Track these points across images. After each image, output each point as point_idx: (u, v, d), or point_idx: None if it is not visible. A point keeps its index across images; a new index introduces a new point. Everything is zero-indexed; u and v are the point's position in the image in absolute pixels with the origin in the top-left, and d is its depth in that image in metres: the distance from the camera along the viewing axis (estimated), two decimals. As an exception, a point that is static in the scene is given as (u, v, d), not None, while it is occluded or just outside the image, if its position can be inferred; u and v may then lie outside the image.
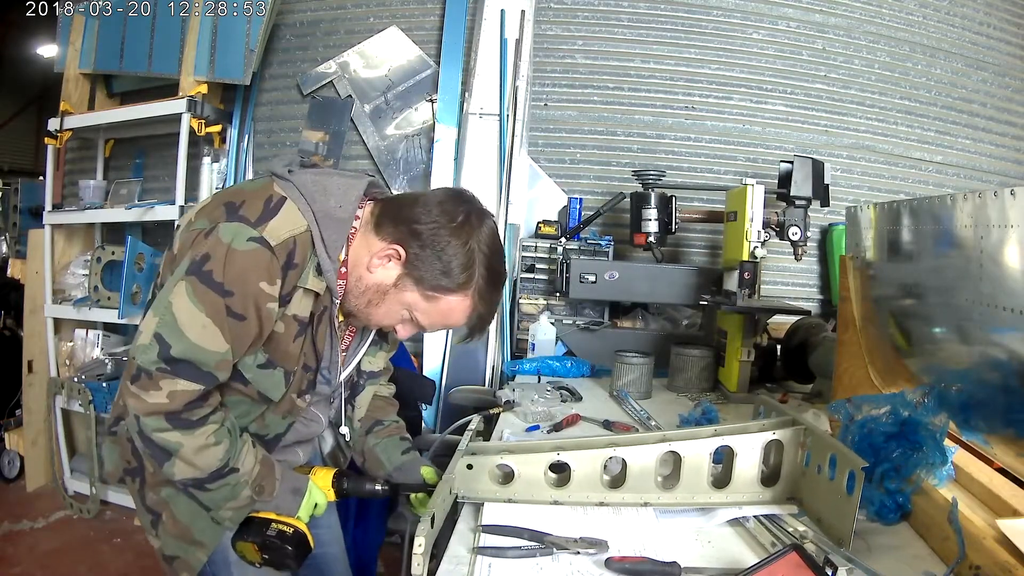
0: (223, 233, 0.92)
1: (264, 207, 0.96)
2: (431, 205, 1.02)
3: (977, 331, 1.09)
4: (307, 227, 0.98)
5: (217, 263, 0.91)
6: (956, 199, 1.12)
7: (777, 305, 2.21)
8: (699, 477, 1.12)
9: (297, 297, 0.99)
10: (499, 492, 1.12)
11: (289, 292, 0.98)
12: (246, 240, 0.92)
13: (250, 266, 0.92)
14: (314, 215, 0.98)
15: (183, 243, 0.99)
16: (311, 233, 0.98)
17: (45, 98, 6.65)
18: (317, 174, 1.04)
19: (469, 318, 1.07)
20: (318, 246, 0.99)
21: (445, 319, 1.07)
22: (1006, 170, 2.92)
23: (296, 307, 1.00)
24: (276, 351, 1.02)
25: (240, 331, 0.94)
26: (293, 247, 0.96)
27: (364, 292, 1.05)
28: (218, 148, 2.92)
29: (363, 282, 1.04)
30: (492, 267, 1.04)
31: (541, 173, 2.82)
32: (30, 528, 2.69)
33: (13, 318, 3.49)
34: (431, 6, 2.88)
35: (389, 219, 1.03)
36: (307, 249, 0.98)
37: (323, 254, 0.99)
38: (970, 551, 0.92)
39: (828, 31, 2.80)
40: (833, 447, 1.04)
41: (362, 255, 1.03)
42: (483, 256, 1.02)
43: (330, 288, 1.03)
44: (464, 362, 2.51)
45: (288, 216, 0.96)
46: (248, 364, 1.01)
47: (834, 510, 1.01)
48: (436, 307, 1.04)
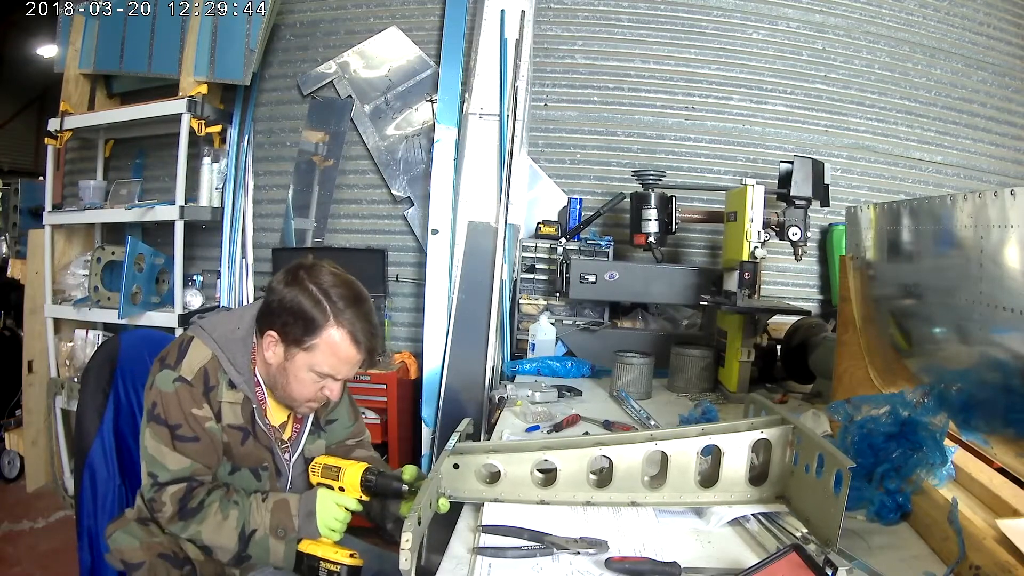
0: (158, 382, 1.15)
1: (178, 351, 1.17)
2: (271, 288, 1.18)
3: (977, 331, 1.09)
4: (212, 354, 1.17)
5: (160, 407, 1.13)
6: (956, 199, 1.12)
7: (777, 305, 2.21)
8: (686, 476, 1.12)
9: (225, 410, 1.18)
10: (486, 492, 1.13)
11: (218, 409, 1.17)
12: (172, 382, 1.14)
13: (181, 400, 1.13)
14: (216, 343, 1.18)
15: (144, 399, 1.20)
16: (217, 358, 1.17)
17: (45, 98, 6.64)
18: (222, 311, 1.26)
19: (355, 341, 1.15)
20: (225, 366, 1.17)
21: (338, 355, 1.15)
22: (1006, 170, 2.92)
23: (229, 418, 1.18)
24: (235, 456, 1.20)
25: (200, 448, 1.14)
26: (205, 374, 1.16)
27: (276, 381, 1.19)
28: (218, 148, 2.91)
29: (271, 374, 1.19)
30: (340, 293, 1.15)
31: (541, 173, 2.82)
32: (30, 528, 2.69)
33: (13, 318, 3.48)
34: (431, 6, 2.89)
35: (259, 317, 1.20)
36: (216, 371, 1.17)
37: (231, 370, 1.18)
38: (970, 551, 0.92)
39: (828, 31, 2.80)
40: (820, 447, 1.03)
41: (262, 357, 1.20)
42: (325, 288, 1.14)
43: (247, 395, 1.19)
44: (464, 363, 2.51)
45: (195, 351, 1.17)
46: (223, 475, 1.20)
47: (821, 510, 1.00)
48: (324, 352, 1.14)
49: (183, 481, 1.13)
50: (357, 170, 2.95)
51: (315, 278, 1.14)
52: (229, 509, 1.13)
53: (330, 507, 1.15)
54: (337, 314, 1.13)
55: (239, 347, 1.19)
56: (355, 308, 1.14)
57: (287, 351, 1.15)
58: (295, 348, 1.14)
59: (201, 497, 1.13)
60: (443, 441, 2.47)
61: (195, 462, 1.14)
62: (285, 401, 1.22)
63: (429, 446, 2.55)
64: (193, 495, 1.13)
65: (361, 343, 1.15)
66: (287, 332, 1.14)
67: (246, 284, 2.91)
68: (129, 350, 1.41)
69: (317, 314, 1.12)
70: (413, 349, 2.81)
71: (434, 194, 2.68)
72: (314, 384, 1.17)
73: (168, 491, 1.12)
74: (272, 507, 1.14)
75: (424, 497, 1.01)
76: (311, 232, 2.91)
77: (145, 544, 1.16)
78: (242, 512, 1.13)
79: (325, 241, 2.91)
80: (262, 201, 3.00)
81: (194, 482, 1.14)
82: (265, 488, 1.23)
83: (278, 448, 1.25)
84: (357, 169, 2.95)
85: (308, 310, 1.12)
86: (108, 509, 1.31)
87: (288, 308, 1.13)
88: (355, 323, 1.14)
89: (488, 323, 2.50)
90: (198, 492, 1.13)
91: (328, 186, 2.91)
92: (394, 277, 2.88)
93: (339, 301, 1.13)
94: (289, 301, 1.13)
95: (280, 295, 1.14)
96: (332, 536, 1.15)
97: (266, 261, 2.92)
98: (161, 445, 1.12)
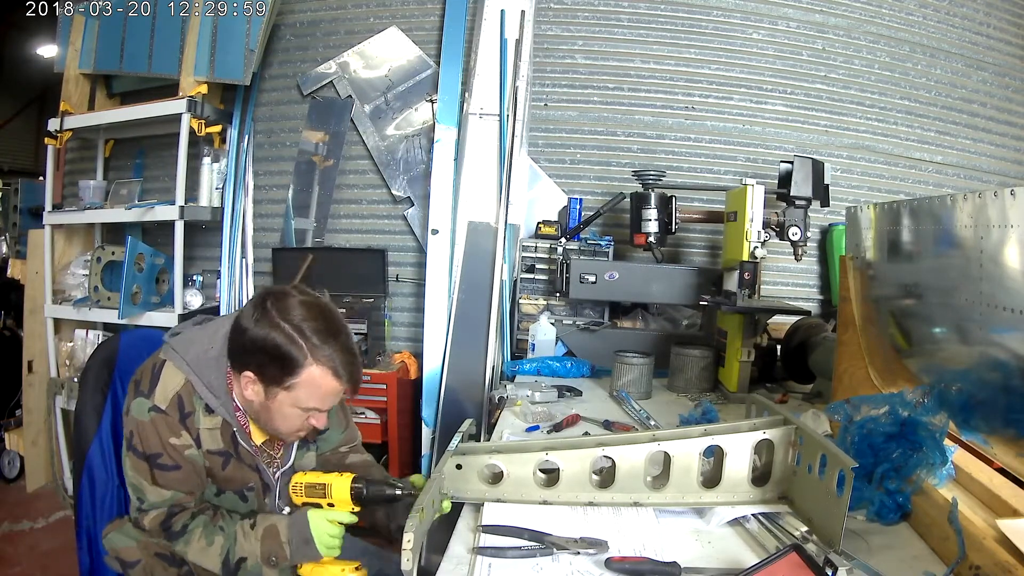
0: (133, 410, 1.11)
1: (151, 375, 1.13)
2: (238, 325, 1.10)
3: (977, 331, 1.09)
4: (185, 379, 1.12)
5: (137, 437, 1.11)
6: (956, 199, 1.12)
7: (777, 305, 2.21)
8: (689, 477, 1.12)
9: (204, 436, 1.14)
10: (488, 492, 1.12)
11: (196, 435, 1.14)
12: (147, 411, 1.10)
13: (157, 430, 1.10)
14: (189, 366, 1.13)
15: None
16: (190, 383, 1.12)
17: (45, 98, 6.64)
18: (193, 325, 1.20)
19: (337, 375, 1.09)
20: (200, 391, 1.13)
21: (321, 392, 1.10)
22: (1006, 170, 2.92)
23: (208, 444, 1.15)
24: (219, 480, 1.18)
25: (181, 475, 1.12)
26: (180, 401, 1.12)
27: (259, 416, 1.15)
28: (218, 148, 2.91)
29: (254, 409, 1.15)
30: (314, 327, 1.07)
31: (541, 173, 2.82)
32: (30, 528, 2.69)
33: (13, 318, 3.48)
34: (431, 6, 2.89)
35: (230, 353, 1.13)
36: (191, 397, 1.13)
37: (207, 395, 1.13)
38: (970, 551, 0.92)
39: (828, 31, 2.80)
40: (823, 447, 1.03)
41: (239, 391, 1.15)
42: (297, 324, 1.06)
43: (226, 419, 1.15)
44: (464, 363, 2.51)
45: (168, 376, 1.12)
46: (209, 496, 1.19)
47: (824, 510, 1.00)
48: (306, 390, 1.09)
49: (163, 507, 1.13)
50: (357, 170, 2.95)
51: (285, 314, 1.06)
52: (214, 535, 1.11)
53: (324, 527, 1.10)
54: (314, 351, 1.06)
55: (213, 368, 1.13)
56: (333, 342, 1.08)
57: (267, 390, 1.10)
58: (275, 388, 1.09)
59: (184, 522, 1.12)
60: (443, 441, 2.47)
61: (176, 491, 1.13)
62: (272, 434, 1.19)
63: (429, 446, 2.55)
64: (175, 521, 1.12)
65: (343, 376, 1.09)
66: (264, 372, 1.08)
67: (246, 284, 2.91)
68: (128, 350, 1.40)
69: (294, 353, 1.05)
70: (413, 349, 2.81)
71: (434, 194, 2.68)
72: (300, 417, 1.13)
73: (149, 515, 1.13)
74: (262, 535, 1.11)
75: (426, 497, 1.01)
76: (311, 232, 2.91)
77: (141, 544, 1.16)
78: (227, 539, 1.11)
79: (325, 241, 2.91)
80: (262, 201, 3.00)
81: (175, 508, 1.13)
82: (253, 507, 1.21)
83: (264, 465, 1.22)
84: (357, 169, 2.95)
85: (284, 349, 1.05)
86: (107, 510, 1.31)
87: (262, 348, 1.06)
88: (334, 358, 1.08)
89: (488, 323, 2.49)
90: (180, 517, 1.13)
91: (328, 186, 2.91)
92: (394, 277, 2.88)
93: (314, 336, 1.06)
94: (262, 340, 1.06)
95: (252, 335, 1.07)
96: (332, 553, 1.11)
97: (266, 261, 2.92)
98: (141, 478, 1.11)
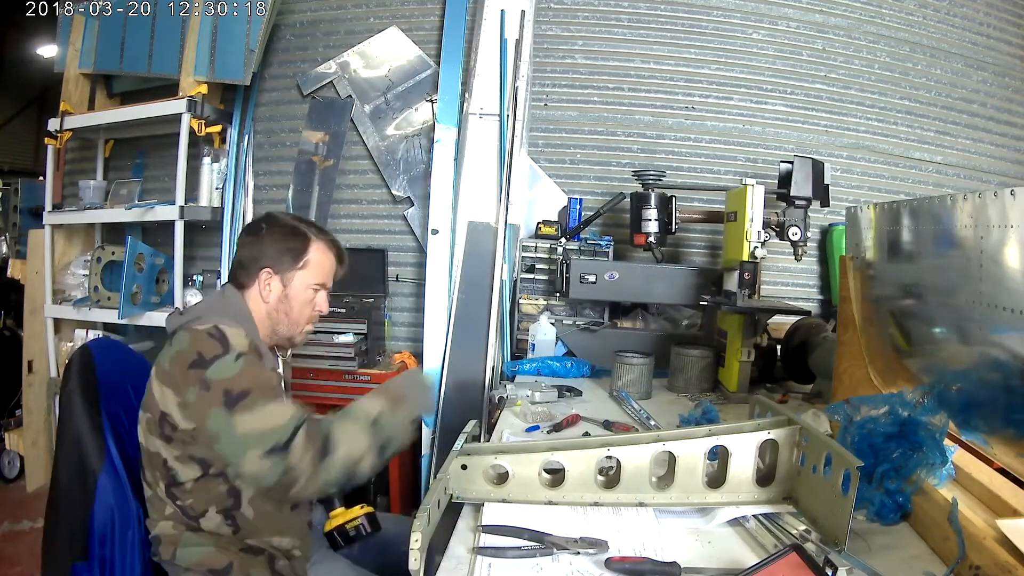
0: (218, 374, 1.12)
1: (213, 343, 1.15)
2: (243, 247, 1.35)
3: (977, 331, 1.09)
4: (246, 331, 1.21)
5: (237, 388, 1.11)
6: (956, 199, 1.12)
7: (777, 305, 2.21)
8: (694, 477, 1.12)
9: None
10: (494, 492, 1.12)
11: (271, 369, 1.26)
12: (234, 361, 1.14)
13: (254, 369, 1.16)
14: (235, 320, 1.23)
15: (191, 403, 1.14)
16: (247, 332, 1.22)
17: (45, 98, 6.63)
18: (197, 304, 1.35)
19: (334, 246, 1.39)
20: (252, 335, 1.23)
21: (326, 263, 1.37)
22: (1006, 170, 2.92)
23: None
24: None
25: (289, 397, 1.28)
26: (255, 346, 1.21)
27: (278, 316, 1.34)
28: (218, 148, 2.91)
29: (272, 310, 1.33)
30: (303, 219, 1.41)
31: (541, 173, 2.82)
32: (30, 528, 2.69)
33: (13, 318, 3.48)
34: (431, 6, 2.88)
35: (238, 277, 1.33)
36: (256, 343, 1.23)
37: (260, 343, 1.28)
38: (970, 551, 0.92)
39: (828, 31, 2.80)
40: (828, 446, 1.03)
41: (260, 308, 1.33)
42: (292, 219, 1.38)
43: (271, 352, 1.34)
44: (464, 363, 2.51)
45: (231, 332, 1.18)
46: None
47: (829, 510, 1.01)
48: (316, 263, 1.35)
49: (302, 424, 1.12)
50: (357, 170, 2.95)
51: (278, 219, 1.37)
52: (344, 419, 1.19)
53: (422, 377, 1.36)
54: (315, 233, 1.36)
55: (250, 322, 1.30)
56: (317, 226, 1.39)
57: (284, 278, 1.32)
58: (291, 272, 1.32)
59: (321, 427, 1.15)
60: (443, 441, 2.47)
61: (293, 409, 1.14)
62: (288, 333, 1.36)
63: (429, 446, 2.55)
64: (317, 430, 1.14)
65: (338, 248, 1.39)
66: (280, 263, 1.32)
67: (246, 284, 2.90)
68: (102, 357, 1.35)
69: (301, 235, 1.34)
70: (413, 349, 2.81)
71: (434, 194, 2.68)
72: (310, 302, 1.35)
73: (296, 445, 1.09)
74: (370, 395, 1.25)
75: (432, 497, 1.01)
76: (311, 232, 2.91)
77: (220, 546, 1.16)
78: (353, 414, 1.20)
79: (325, 241, 2.90)
80: (262, 201, 2.99)
81: (307, 419, 1.14)
82: None
83: None
84: (357, 169, 2.95)
85: (291, 238, 1.33)
86: None
87: (273, 243, 1.32)
88: (325, 235, 1.38)
89: (488, 323, 2.49)
90: (315, 425, 1.14)
91: (328, 186, 2.91)
92: (394, 277, 2.88)
93: (309, 227, 1.37)
94: (270, 241, 1.32)
95: (262, 241, 1.32)
96: None
97: (266, 261, 2.91)
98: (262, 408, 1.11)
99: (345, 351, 2.50)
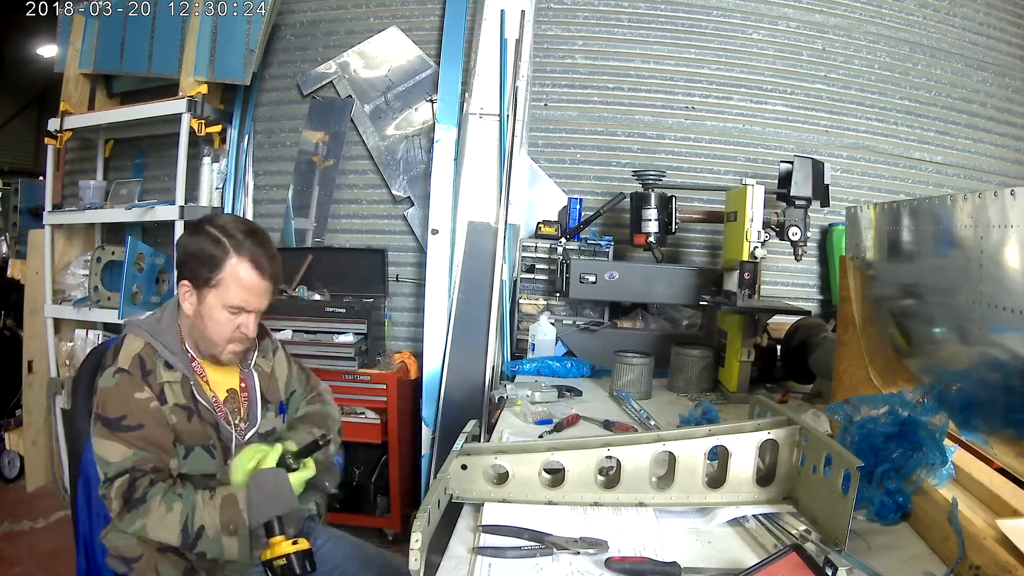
0: (100, 383, 1.20)
1: (115, 350, 1.24)
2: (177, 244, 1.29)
3: (977, 331, 1.09)
4: (145, 342, 1.22)
5: (101, 405, 1.17)
6: (956, 199, 1.12)
7: (777, 305, 2.21)
8: (694, 477, 1.12)
9: (167, 391, 1.21)
10: (494, 492, 1.12)
11: (159, 391, 1.20)
12: (112, 376, 1.18)
13: (122, 391, 1.17)
14: (144, 331, 1.24)
15: None
16: (149, 344, 1.23)
17: (45, 98, 6.63)
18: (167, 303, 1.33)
19: (258, 267, 1.22)
20: (158, 348, 1.23)
21: (244, 285, 1.22)
22: (1006, 170, 2.92)
23: (171, 398, 1.21)
24: (185, 436, 1.22)
25: (144, 434, 1.16)
26: (141, 360, 1.21)
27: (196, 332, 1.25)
28: (218, 148, 2.91)
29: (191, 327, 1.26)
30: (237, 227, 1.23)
31: (541, 173, 2.82)
32: (30, 528, 2.69)
33: (13, 318, 3.48)
34: (431, 6, 2.88)
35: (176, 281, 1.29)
36: (152, 356, 1.22)
37: (164, 352, 1.23)
38: (970, 551, 0.92)
39: (828, 31, 2.80)
40: (828, 446, 1.04)
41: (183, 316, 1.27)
42: (222, 226, 1.23)
43: (184, 374, 1.24)
44: (464, 363, 2.51)
45: (129, 343, 1.23)
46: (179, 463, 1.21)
47: (829, 510, 1.01)
48: (230, 284, 1.21)
49: (126, 473, 1.13)
50: (357, 170, 2.95)
51: (214, 222, 1.24)
52: (173, 502, 1.12)
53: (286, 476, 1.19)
54: (236, 246, 1.21)
55: (168, 330, 1.26)
56: (252, 238, 1.23)
57: (199, 295, 1.23)
58: (205, 289, 1.22)
59: (144, 487, 1.13)
60: (443, 441, 2.47)
61: (138, 451, 1.15)
62: (209, 349, 1.26)
63: (429, 446, 2.55)
64: (136, 485, 1.13)
65: (264, 269, 1.23)
66: (196, 276, 1.22)
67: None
68: None
69: (218, 251, 1.20)
70: (413, 349, 2.81)
71: (434, 194, 2.68)
72: (229, 322, 1.23)
73: (114, 485, 1.13)
74: (220, 503, 1.13)
75: (432, 497, 1.01)
76: (311, 232, 2.91)
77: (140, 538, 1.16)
78: (186, 505, 1.12)
79: (325, 241, 2.91)
80: (262, 201, 3.00)
81: (137, 472, 1.14)
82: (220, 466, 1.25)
83: (224, 423, 1.27)
84: (357, 169, 2.95)
85: (209, 250, 1.21)
86: (103, 514, 1.28)
87: (193, 254, 1.22)
88: (254, 250, 1.22)
89: (488, 323, 2.50)
90: (141, 482, 1.13)
91: (328, 186, 2.91)
92: (394, 277, 2.88)
93: (236, 235, 1.22)
94: (192, 247, 1.22)
95: (184, 246, 1.24)
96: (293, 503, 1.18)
97: (266, 261, 2.91)
98: (104, 440, 1.15)
99: (345, 351, 2.50)
